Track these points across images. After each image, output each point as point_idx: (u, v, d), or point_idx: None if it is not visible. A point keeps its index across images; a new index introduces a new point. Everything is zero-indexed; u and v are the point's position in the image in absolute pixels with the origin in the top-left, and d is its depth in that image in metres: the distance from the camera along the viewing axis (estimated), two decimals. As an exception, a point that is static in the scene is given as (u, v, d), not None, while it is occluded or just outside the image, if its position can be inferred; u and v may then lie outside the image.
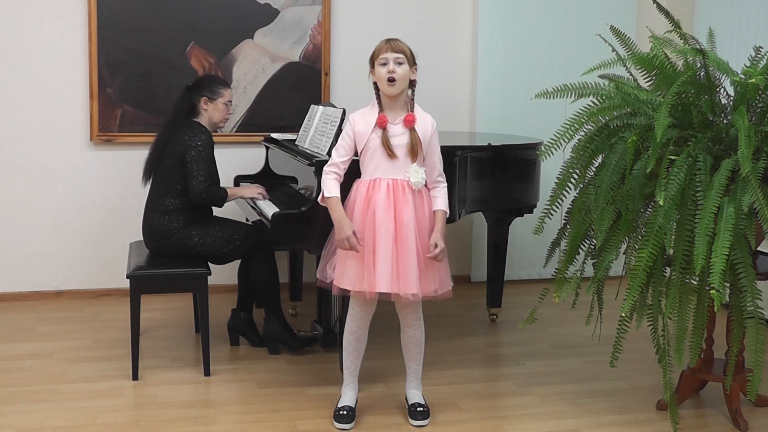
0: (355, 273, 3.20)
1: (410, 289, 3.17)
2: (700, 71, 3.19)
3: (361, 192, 3.23)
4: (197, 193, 3.92)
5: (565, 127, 3.18)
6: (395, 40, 3.22)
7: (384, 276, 3.15)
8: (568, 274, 3.32)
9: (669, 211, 2.94)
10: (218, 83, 4.13)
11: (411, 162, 3.21)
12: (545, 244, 3.67)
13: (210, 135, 4.01)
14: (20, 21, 4.80)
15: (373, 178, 3.23)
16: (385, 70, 3.18)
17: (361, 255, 3.18)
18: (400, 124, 3.23)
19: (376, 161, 3.22)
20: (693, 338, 3.10)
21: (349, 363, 3.39)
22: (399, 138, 3.21)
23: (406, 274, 3.17)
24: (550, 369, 3.99)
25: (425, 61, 5.40)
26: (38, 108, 4.87)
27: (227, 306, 4.36)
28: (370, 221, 3.18)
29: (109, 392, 3.63)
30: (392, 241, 3.16)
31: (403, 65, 3.20)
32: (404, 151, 3.21)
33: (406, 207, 3.19)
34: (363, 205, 3.21)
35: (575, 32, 5.41)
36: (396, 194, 3.20)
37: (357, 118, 3.27)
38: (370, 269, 3.16)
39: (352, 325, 3.34)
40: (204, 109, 4.06)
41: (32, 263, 4.97)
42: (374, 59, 3.22)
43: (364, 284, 3.18)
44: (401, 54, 3.19)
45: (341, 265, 3.24)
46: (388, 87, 3.19)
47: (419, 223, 3.21)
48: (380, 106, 3.25)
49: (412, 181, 3.20)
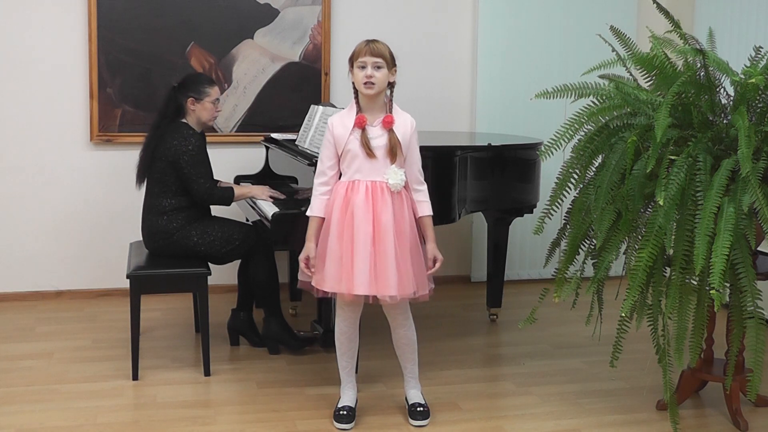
0: (333, 274, 3.19)
1: (388, 291, 3.16)
2: (700, 71, 3.19)
3: (339, 193, 3.22)
4: (201, 195, 3.92)
5: (565, 127, 3.18)
6: (375, 42, 3.19)
7: (362, 278, 3.14)
8: (568, 274, 3.32)
9: (669, 211, 2.94)
10: (204, 82, 4.05)
11: (390, 163, 3.20)
12: (545, 244, 3.68)
13: (199, 136, 3.99)
14: (20, 21, 4.80)
15: (352, 180, 3.21)
16: (363, 74, 3.16)
17: (339, 257, 3.17)
18: (378, 126, 3.22)
19: (356, 163, 3.20)
20: (693, 338, 3.10)
21: (344, 363, 3.39)
22: (378, 140, 3.20)
23: (384, 276, 3.16)
24: (550, 369, 3.99)
25: (425, 61, 5.45)
26: (38, 108, 4.87)
27: (227, 306, 4.36)
28: (348, 223, 3.18)
29: (109, 392, 3.63)
30: (370, 242, 3.15)
31: (382, 69, 3.17)
32: (383, 152, 3.20)
33: (384, 209, 3.18)
34: (341, 207, 3.20)
35: (575, 32, 5.41)
36: (375, 196, 3.18)
37: (335, 121, 3.26)
38: (348, 271, 3.16)
39: (342, 326, 3.34)
40: (191, 109, 4.01)
41: (32, 263, 4.97)
42: (353, 60, 3.21)
43: (343, 286, 3.17)
44: (380, 58, 3.16)
45: (321, 267, 3.23)
46: (365, 89, 3.17)
47: (398, 225, 3.20)
48: (358, 107, 3.24)
49: (391, 183, 3.19)
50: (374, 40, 3.20)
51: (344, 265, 3.16)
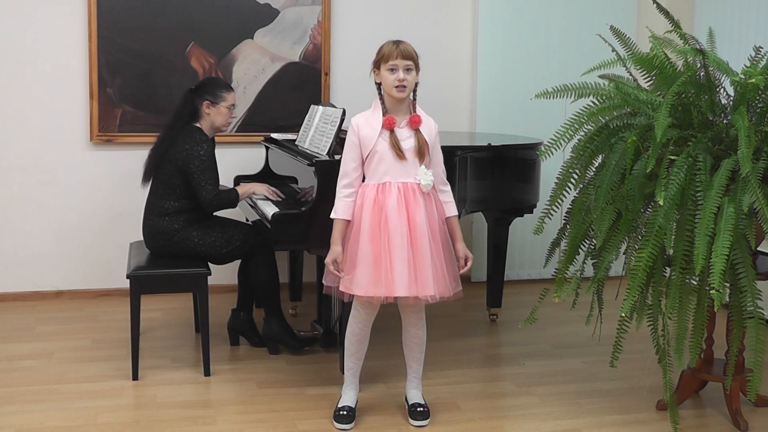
0: (367, 278, 3.15)
1: (428, 291, 3.16)
2: (700, 71, 3.19)
3: (369, 196, 3.19)
4: (208, 202, 3.91)
5: (565, 127, 3.18)
6: (404, 44, 3.17)
7: (402, 280, 3.13)
8: (568, 274, 3.32)
9: (669, 211, 2.94)
10: (221, 87, 4.06)
11: (419, 164, 3.20)
12: (545, 244, 3.68)
13: (210, 141, 4.00)
14: (20, 21, 4.80)
15: (382, 182, 3.19)
16: (394, 77, 3.14)
17: (374, 260, 3.15)
18: (405, 127, 3.21)
19: (384, 165, 3.18)
20: (693, 338, 3.10)
21: (351, 364, 3.39)
22: (407, 141, 3.19)
23: (423, 277, 3.15)
24: (550, 369, 3.99)
25: (425, 61, 5.41)
26: (38, 108, 4.87)
27: (227, 306, 4.36)
28: (383, 225, 3.15)
29: (109, 392, 3.63)
30: (407, 244, 3.14)
31: (412, 71, 3.17)
32: (412, 153, 3.19)
33: (418, 210, 3.17)
34: (374, 210, 3.17)
35: (575, 32, 5.42)
36: (407, 197, 3.17)
37: (361, 122, 3.22)
38: (388, 274, 3.13)
39: (355, 327, 3.33)
40: (206, 113, 4.01)
41: (32, 263, 4.97)
42: (381, 62, 3.17)
43: (380, 289, 3.14)
44: (410, 61, 3.15)
45: (350, 271, 3.19)
46: (397, 93, 3.15)
47: (431, 225, 3.20)
48: (384, 108, 3.22)
49: (423, 184, 3.18)
50: (401, 41, 3.18)
51: (383, 268, 3.14)
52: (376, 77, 3.22)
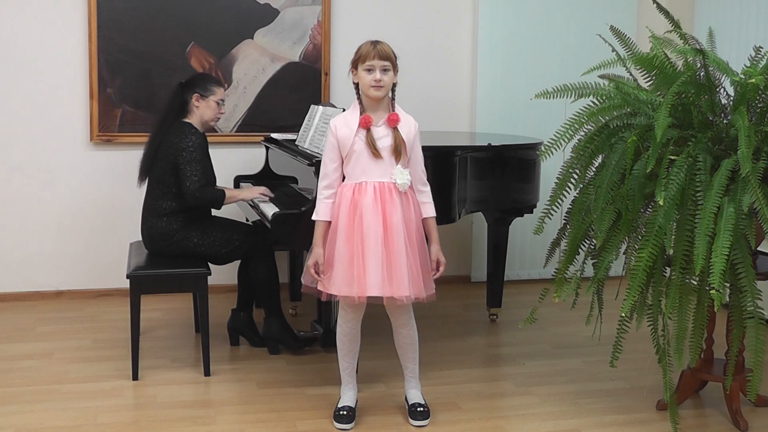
0: (342, 278, 3.17)
1: (403, 291, 3.16)
2: (700, 71, 3.19)
3: (346, 196, 3.20)
4: (191, 193, 3.90)
5: (565, 127, 3.18)
6: (381, 44, 3.17)
7: (375, 279, 3.13)
8: (568, 274, 3.32)
9: (669, 211, 2.94)
10: (211, 81, 4.09)
11: (395, 163, 3.20)
12: (545, 244, 3.68)
13: (201, 135, 3.99)
14: (20, 21, 4.80)
15: (359, 182, 3.20)
16: (371, 78, 3.14)
17: (349, 259, 3.16)
18: (383, 126, 3.21)
19: (361, 164, 3.19)
20: (693, 338, 3.10)
21: (346, 364, 3.39)
22: (383, 140, 3.19)
23: (398, 277, 3.15)
24: (550, 369, 3.99)
25: (425, 61, 5.45)
26: (38, 108, 4.88)
27: (227, 306, 4.37)
28: (357, 225, 3.16)
29: (109, 392, 3.63)
30: (381, 243, 3.14)
31: (389, 71, 3.17)
32: (388, 152, 3.19)
33: (394, 209, 3.17)
34: (350, 209, 3.18)
35: (575, 32, 5.42)
36: (383, 197, 3.17)
37: (339, 123, 3.24)
38: (360, 273, 3.14)
39: (345, 327, 3.33)
40: (195, 106, 4.02)
41: (32, 263, 4.97)
42: (359, 62, 3.18)
43: (354, 289, 3.15)
44: (387, 61, 3.15)
45: (328, 271, 3.21)
46: (374, 92, 3.16)
47: (407, 225, 3.20)
48: (362, 108, 3.23)
49: (398, 183, 3.18)
50: (379, 42, 3.18)
51: (355, 267, 3.15)
52: (353, 77, 3.23)
